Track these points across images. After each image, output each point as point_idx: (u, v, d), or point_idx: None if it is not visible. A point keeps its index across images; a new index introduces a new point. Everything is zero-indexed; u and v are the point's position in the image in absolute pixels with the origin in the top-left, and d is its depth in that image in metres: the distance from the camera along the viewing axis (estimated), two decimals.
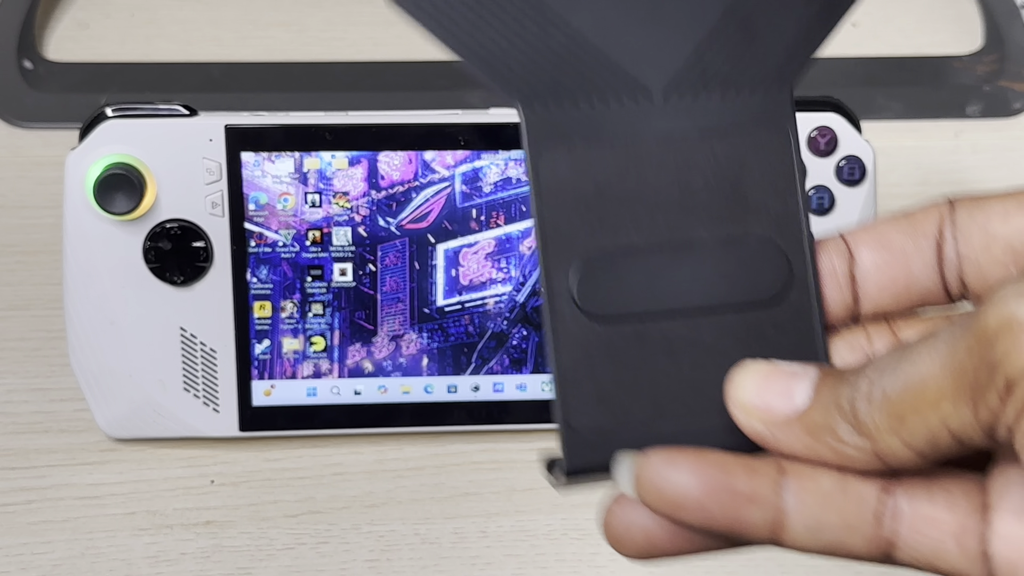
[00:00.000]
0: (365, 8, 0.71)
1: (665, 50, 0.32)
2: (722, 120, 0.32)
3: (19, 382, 0.55)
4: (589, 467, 0.31)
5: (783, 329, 0.32)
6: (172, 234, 0.51)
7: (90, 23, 0.70)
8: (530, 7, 0.31)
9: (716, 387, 0.31)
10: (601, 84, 0.31)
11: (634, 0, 0.31)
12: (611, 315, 0.31)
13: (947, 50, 0.70)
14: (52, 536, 0.51)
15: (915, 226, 0.32)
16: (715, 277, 0.32)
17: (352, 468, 0.53)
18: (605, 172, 0.32)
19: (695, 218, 0.32)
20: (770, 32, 0.32)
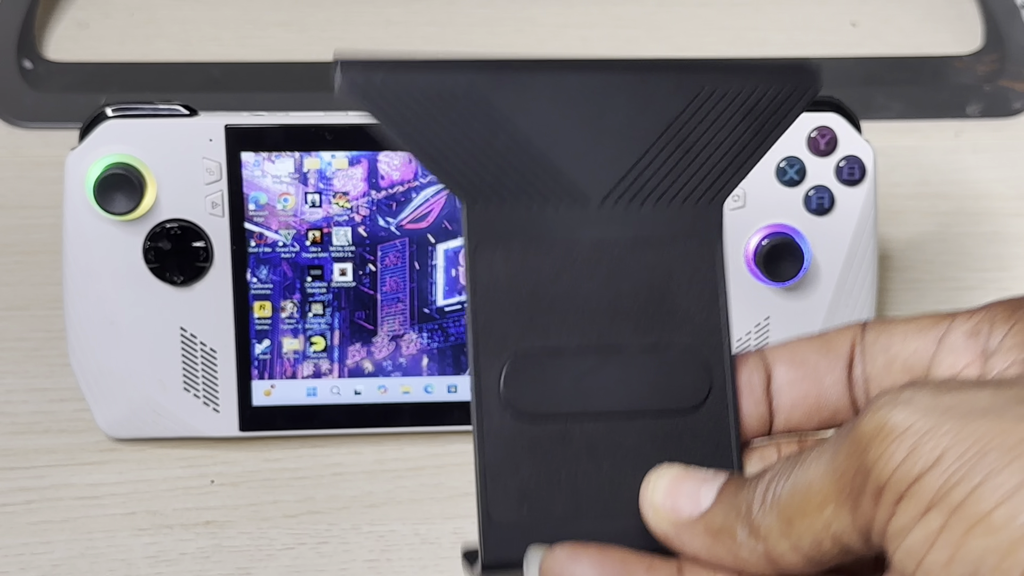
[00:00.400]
0: (365, 8, 0.71)
1: (606, 160, 0.33)
2: (654, 231, 0.34)
3: (19, 382, 0.55)
4: (505, 561, 0.32)
5: (700, 437, 0.33)
6: (172, 234, 0.51)
7: (90, 23, 0.70)
8: (479, 108, 0.32)
9: (633, 489, 0.32)
10: (542, 188, 0.33)
11: (581, 110, 0.33)
12: (537, 414, 0.33)
13: (947, 50, 0.70)
14: (52, 536, 0.51)
15: (829, 346, 0.34)
16: (638, 383, 0.33)
17: (352, 468, 0.53)
18: (539, 274, 0.33)
19: (622, 324, 0.33)
20: (705, 152, 0.34)
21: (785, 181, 0.52)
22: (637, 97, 0.33)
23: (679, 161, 0.34)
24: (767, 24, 0.71)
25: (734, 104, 0.34)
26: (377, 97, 0.32)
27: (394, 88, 0.32)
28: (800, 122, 0.52)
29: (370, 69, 0.32)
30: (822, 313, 0.53)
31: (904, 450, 0.27)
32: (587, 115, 0.33)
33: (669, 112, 0.33)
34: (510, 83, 0.33)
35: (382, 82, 0.32)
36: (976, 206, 0.63)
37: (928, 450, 0.27)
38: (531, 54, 0.33)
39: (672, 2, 0.73)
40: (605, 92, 0.33)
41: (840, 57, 0.69)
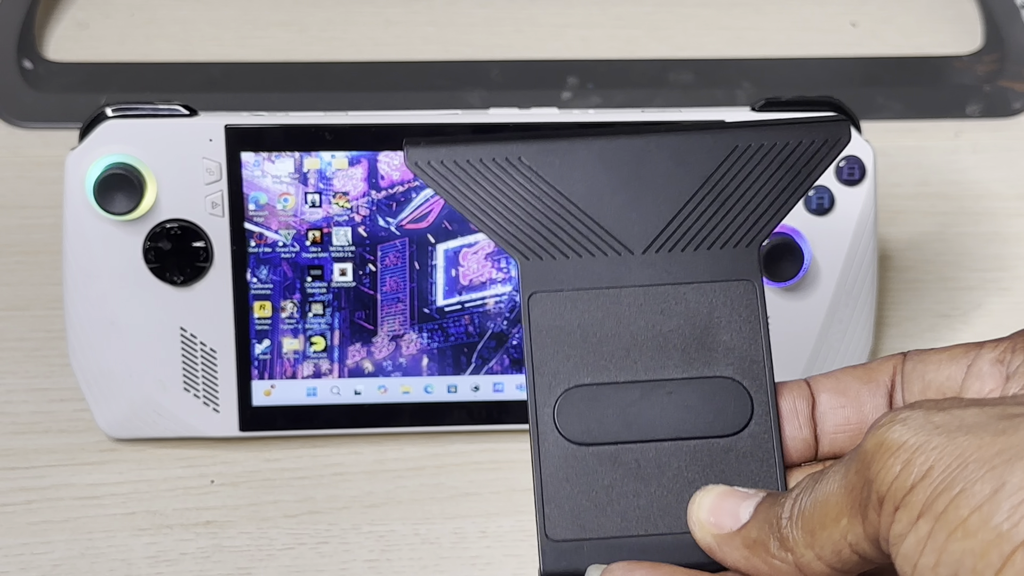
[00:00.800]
0: (365, 8, 0.71)
1: (646, 215, 0.36)
2: (695, 275, 0.36)
3: (19, 382, 0.55)
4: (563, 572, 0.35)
5: (745, 459, 0.36)
6: (172, 234, 0.51)
7: (90, 23, 0.70)
8: (526, 176, 0.36)
9: (680, 508, 0.35)
10: (588, 244, 0.36)
11: (621, 171, 0.36)
12: (589, 442, 0.36)
13: (947, 50, 0.70)
14: (52, 536, 0.51)
15: (870, 374, 0.37)
16: (684, 411, 0.36)
17: (352, 468, 0.53)
18: (588, 315, 0.36)
19: (668, 360, 0.36)
20: (741, 201, 0.36)
21: None
22: (675, 157, 0.36)
23: (716, 212, 0.36)
24: (767, 24, 0.71)
25: (767, 158, 0.36)
26: (438, 171, 0.36)
27: (452, 162, 0.36)
28: None
29: (432, 147, 0.36)
30: (822, 313, 0.53)
31: (899, 464, 0.30)
32: (627, 176, 0.36)
33: (706, 168, 0.36)
34: (554, 152, 0.36)
35: (442, 157, 0.36)
36: (976, 206, 0.63)
37: (919, 463, 0.29)
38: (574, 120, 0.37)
39: (672, 2, 0.73)
40: (644, 154, 0.36)
41: (840, 57, 0.70)
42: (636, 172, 0.36)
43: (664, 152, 0.36)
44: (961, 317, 0.59)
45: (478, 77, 0.68)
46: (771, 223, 0.36)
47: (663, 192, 0.36)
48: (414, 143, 0.36)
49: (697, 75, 0.68)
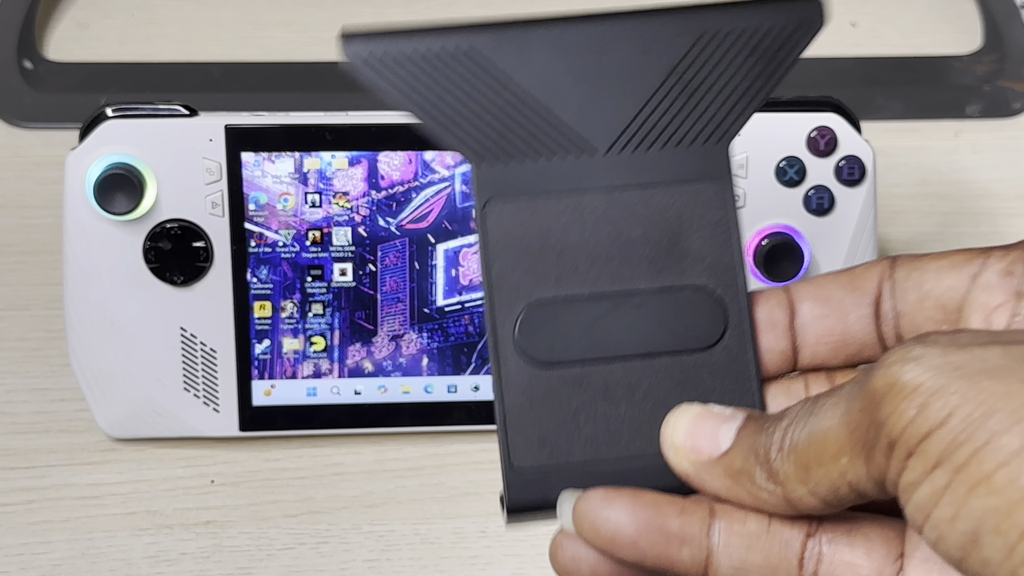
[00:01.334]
0: (365, 8, 0.71)
1: (610, 110, 0.33)
2: (662, 175, 0.34)
3: (19, 382, 0.55)
4: (530, 505, 0.33)
5: (719, 374, 0.33)
6: (172, 234, 0.51)
7: (90, 23, 0.70)
8: (480, 69, 0.33)
9: (652, 429, 0.33)
10: (548, 142, 0.33)
11: (582, 62, 0.33)
12: (553, 361, 0.33)
13: (947, 50, 0.70)
14: (52, 536, 0.51)
15: (855, 281, 0.34)
16: (653, 325, 0.33)
17: (352, 468, 0.53)
18: (549, 224, 0.33)
19: (635, 269, 0.34)
20: (710, 92, 0.34)
21: (785, 181, 0.52)
22: (638, 45, 0.34)
23: (683, 105, 0.34)
24: None
25: (737, 44, 0.34)
26: (380, 67, 0.33)
27: (396, 56, 0.33)
28: (800, 122, 0.52)
29: (372, 40, 0.33)
30: None
31: (914, 408, 0.27)
32: (589, 67, 0.33)
33: (671, 57, 0.34)
34: (509, 41, 0.33)
35: (384, 52, 0.33)
36: (976, 206, 0.63)
37: (937, 409, 0.27)
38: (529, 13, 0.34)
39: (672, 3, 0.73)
40: (605, 43, 0.33)
41: (840, 57, 0.70)
42: (598, 62, 0.33)
43: (627, 39, 0.33)
44: None
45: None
46: (742, 117, 0.34)
47: (627, 84, 0.33)
48: (351, 35, 0.33)
49: None
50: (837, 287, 0.34)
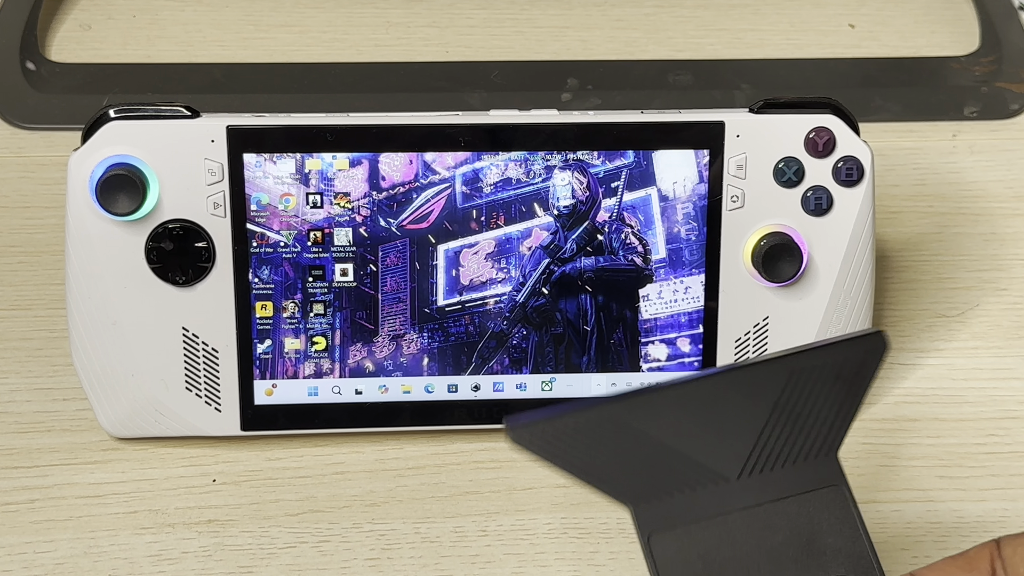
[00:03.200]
0: (366, 10, 0.72)
1: (733, 443, 0.39)
2: (789, 488, 0.39)
3: (22, 382, 0.56)
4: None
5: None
6: (174, 234, 0.51)
7: (92, 25, 0.70)
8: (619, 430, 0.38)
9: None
10: (688, 478, 0.39)
11: (702, 412, 0.39)
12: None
13: (944, 51, 0.70)
14: (55, 535, 0.51)
15: (972, 564, 0.38)
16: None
17: (353, 467, 0.54)
18: (705, 544, 0.39)
19: (784, 571, 0.39)
20: (811, 416, 0.39)
21: (783, 182, 0.52)
22: (741, 390, 0.39)
23: (792, 430, 0.39)
24: (765, 25, 0.72)
25: (822, 375, 0.39)
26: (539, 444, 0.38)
27: (550, 433, 0.38)
28: (798, 123, 0.52)
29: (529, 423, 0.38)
30: (820, 313, 0.53)
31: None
32: (707, 414, 0.39)
33: (772, 395, 0.39)
34: (639, 405, 0.38)
35: (541, 432, 0.38)
36: (973, 207, 0.63)
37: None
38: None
39: (671, 4, 0.73)
40: (715, 394, 0.39)
41: (838, 59, 0.70)
42: (713, 409, 0.38)
43: (732, 388, 0.39)
44: (958, 317, 0.59)
45: (478, 78, 0.68)
46: (841, 430, 0.39)
47: (742, 422, 0.39)
48: (514, 422, 0.38)
49: (696, 76, 0.68)
50: (956, 570, 0.38)
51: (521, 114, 0.52)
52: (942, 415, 0.55)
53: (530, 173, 0.52)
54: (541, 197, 0.52)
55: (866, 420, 0.55)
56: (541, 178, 0.52)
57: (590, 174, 0.52)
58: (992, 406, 0.56)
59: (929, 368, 0.57)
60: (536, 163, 0.52)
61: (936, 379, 0.57)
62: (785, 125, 0.52)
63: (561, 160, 0.52)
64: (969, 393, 0.56)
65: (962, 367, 0.57)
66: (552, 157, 0.52)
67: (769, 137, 0.52)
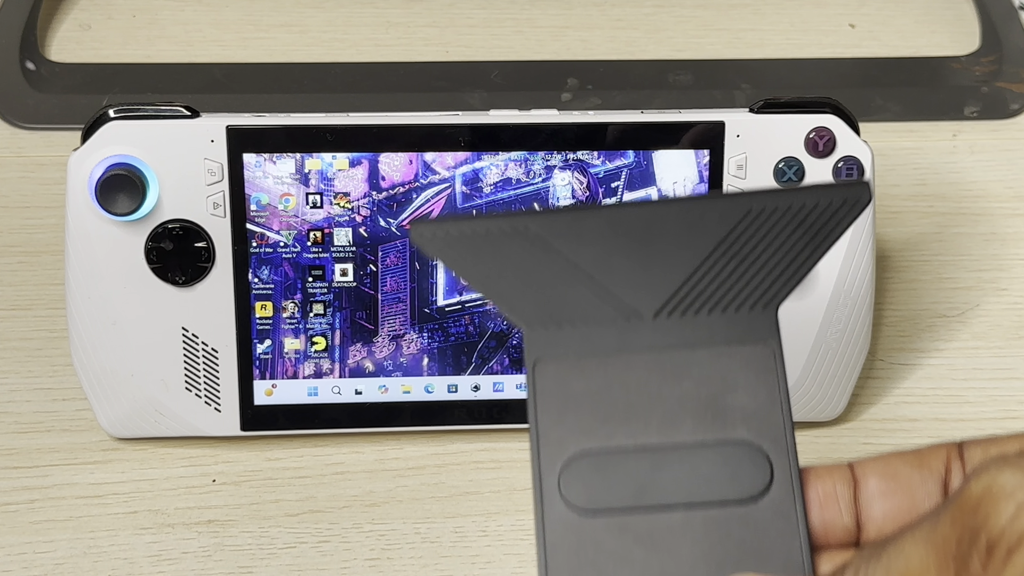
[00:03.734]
0: (366, 10, 0.72)
1: (658, 278, 0.35)
2: (709, 337, 0.34)
3: (21, 382, 0.56)
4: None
5: (764, 527, 0.33)
6: (174, 234, 0.51)
7: (92, 24, 0.70)
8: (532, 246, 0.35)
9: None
10: (595, 310, 0.34)
11: (632, 239, 0.35)
12: (596, 509, 0.33)
13: (945, 51, 0.70)
14: (54, 535, 0.51)
15: (922, 463, 0.34)
16: (697, 477, 0.34)
17: (353, 467, 0.54)
18: (596, 382, 0.34)
19: (680, 425, 0.34)
20: (757, 262, 0.34)
21: (784, 182, 0.52)
22: (686, 222, 0.35)
23: (731, 274, 0.35)
24: (766, 25, 0.72)
25: (784, 219, 0.35)
26: (442, 242, 0.35)
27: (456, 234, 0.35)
28: (799, 123, 0.52)
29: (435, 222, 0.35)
30: (820, 313, 0.53)
31: (1013, 507, 0.28)
32: (637, 243, 0.35)
33: (719, 231, 0.35)
34: (562, 222, 0.35)
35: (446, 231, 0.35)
36: (974, 207, 0.63)
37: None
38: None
39: (671, 3, 0.73)
40: (654, 221, 0.35)
41: (838, 58, 0.70)
42: (646, 237, 0.35)
43: (675, 217, 0.35)
44: (959, 317, 0.59)
45: (478, 78, 0.68)
46: (788, 284, 0.35)
47: (675, 256, 0.35)
48: (419, 221, 0.36)
49: (696, 76, 0.68)
50: (903, 464, 0.34)
51: (521, 114, 0.52)
52: (942, 415, 0.55)
53: (530, 173, 0.52)
54: (541, 197, 0.52)
55: (866, 420, 0.55)
56: (541, 178, 0.52)
57: (590, 174, 0.52)
58: (992, 406, 0.56)
59: (929, 368, 0.57)
60: (536, 163, 0.52)
61: (936, 379, 0.57)
62: (785, 125, 0.52)
63: (561, 160, 0.52)
64: (969, 393, 0.56)
65: (962, 367, 0.57)
66: (552, 157, 0.52)
67: (769, 137, 0.52)
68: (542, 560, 0.33)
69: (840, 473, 0.34)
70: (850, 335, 0.53)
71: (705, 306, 0.35)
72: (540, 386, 0.34)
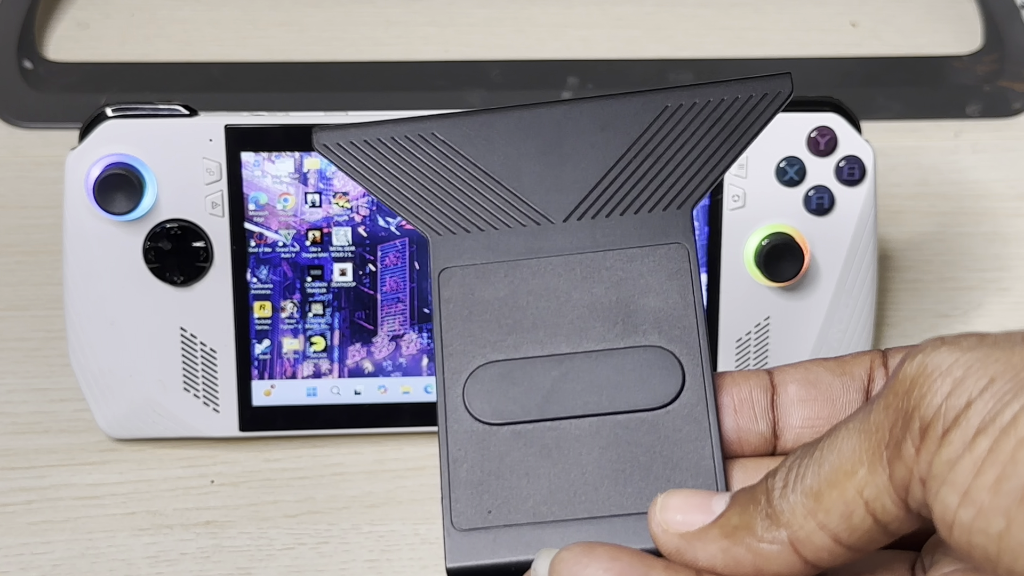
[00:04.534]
0: (365, 8, 0.71)
1: (568, 181, 0.34)
2: (621, 240, 0.34)
3: (19, 382, 0.55)
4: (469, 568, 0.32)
5: (675, 434, 0.32)
6: (172, 234, 0.51)
7: (90, 23, 0.70)
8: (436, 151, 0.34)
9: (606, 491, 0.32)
10: (503, 215, 0.34)
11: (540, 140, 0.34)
12: (502, 422, 0.33)
13: (947, 50, 0.70)
14: (52, 536, 0.51)
15: (844, 367, 0.33)
16: (605, 385, 0.33)
17: (352, 468, 0.53)
18: (503, 289, 0.33)
19: (588, 331, 0.33)
20: (672, 161, 0.34)
21: (785, 181, 0.52)
22: (598, 122, 0.34)
23: (645, 174, 0.34)
24: (767, 24, 0.72)
25: (701, 115, 0.34)
26: (346, 151, 0.34)
27: (360, 142, 0.34)
28: (800, 122, 0.52)
29: (339, 129, 0.35)
30: (822, 313, 0.53)
31: (949, 384, 0.26)
32: (547, 144, 0.34)
33: (633, 131, 0.34)
34: (466, 126, 0.34)
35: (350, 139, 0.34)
36: (976, 206, 0.63)
37: (976, 379, 0.26)
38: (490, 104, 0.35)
39: (672, 2, 0.73)
40: (564, 123, 0.34)
41: (840, 57, 0.70)
42: (557, 140, 0.34)
43: (587, 118, 0.34)
44: (961, 317, 0.59)
45: (478, 77, 0.68)
46: (705, 183, 0.34)
47: (586, 157, 0.34)
48: (322, 127, 0.35)
49: (697, 75, 0.68)
50: (825, 371, 0.33)
51: None
52: None
53: None
54: None
55: None
56: None
57: None
58: None
59: None
60: None
61: None
62: (787, 124, 0.52)
63: None
64: None
65: None
66: None
67: (770, 136, 0.52)
68: (445, 473, 0.32)
69: (757, 379, 0.33)
70: (852, 335, 0.53)
71: (618, 208, 0.34)
72: (445, 295, 0.33)
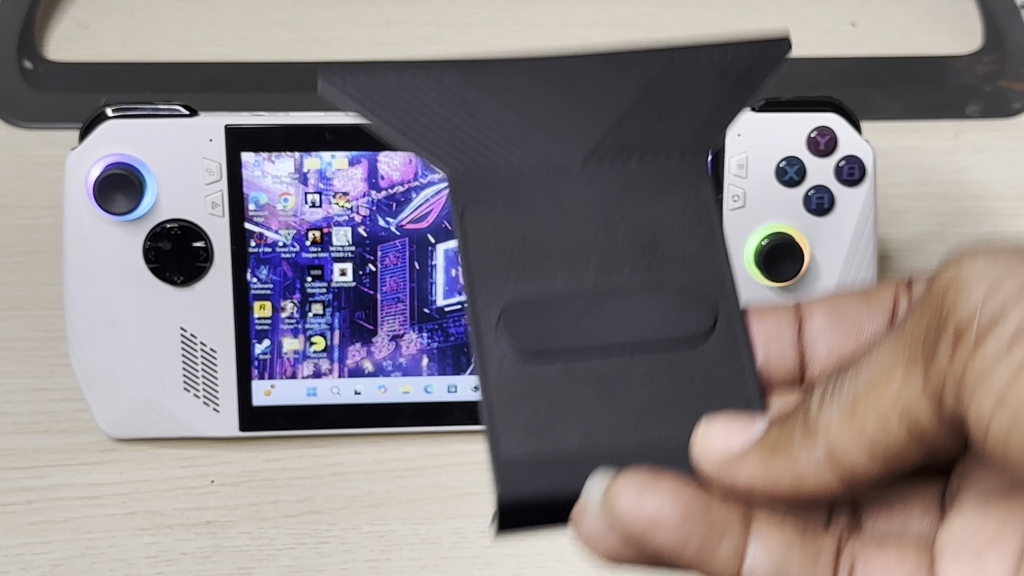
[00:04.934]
0: (365, 8, 0.71)
1: (584, 125, 0.34)
2: (640, 183, 0.34)
3: (19, 382, 0.55)
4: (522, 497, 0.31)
5: (712, 367, 0.33)
6: (172, 234, 0.51)
7: (90, 23, 0.70)
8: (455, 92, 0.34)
9: (646, 420, 0.32)
10: (523, 155, 0.34)
11: (555, 88, 0.34)
12: (538, 351, 0.33)
13: (947, 50, 0.70)
14: (52, 536, 0.51)
15: (870, 299, 0.33)
16: (640, 317, 0.33)
17: (352, 468, 0.53)
18: (528, 228, 0.34)
19: (618, 268, 0.33)
20: (685, 107, 0.34)
21: (785, 181, 0.52)
22: (609, 71, 0.34)
23: (660, 116, 0.34)
24: (767, 24, 0.71)
25: (706, 68, 0.35)
26: (356, 92, 0.34)
27: (371, 85, 0.34)
28: (800, 122, 0.52)
29: (348, 72, 0.34)
30: None
31: (984, 289, 0.26)
32: (561, 91, 0.34)
33: (642, 79, 0.34)
34: (483, 71, 0.34)
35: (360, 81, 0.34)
36: (976, 206, 0.63)
37: (1012, 285, 0.26)
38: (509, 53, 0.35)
39: (672, 2, 0.73)
40: (577, 71, 0.34)
41: (840, 57, 0.70)
42: (570, 87, 0.34)
43: (598, 67, 0.34)
44: None
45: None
46: (714, 132, 0.34)
47: (600, 103, 0.34)
48: (327, 69, 0.34)
49: None
50: (851, 302, 0.33)
51: None
52: None
53: None
54: None
55: None
56: None
57: None
58: None
59: None
60: None
61: None
62: (786, 124, 0.52)
63: None
64: None
65: None
66: None
67: (771, 136, 0.52)
68: (488, 410, 0.32)
69: (784, 312, 0.33)
70: None
71: (635, 154, 0.34)
72: (471, 233, 0.33)
